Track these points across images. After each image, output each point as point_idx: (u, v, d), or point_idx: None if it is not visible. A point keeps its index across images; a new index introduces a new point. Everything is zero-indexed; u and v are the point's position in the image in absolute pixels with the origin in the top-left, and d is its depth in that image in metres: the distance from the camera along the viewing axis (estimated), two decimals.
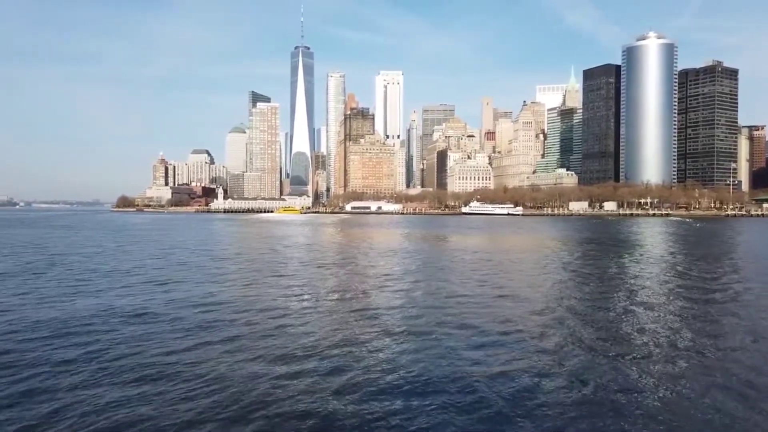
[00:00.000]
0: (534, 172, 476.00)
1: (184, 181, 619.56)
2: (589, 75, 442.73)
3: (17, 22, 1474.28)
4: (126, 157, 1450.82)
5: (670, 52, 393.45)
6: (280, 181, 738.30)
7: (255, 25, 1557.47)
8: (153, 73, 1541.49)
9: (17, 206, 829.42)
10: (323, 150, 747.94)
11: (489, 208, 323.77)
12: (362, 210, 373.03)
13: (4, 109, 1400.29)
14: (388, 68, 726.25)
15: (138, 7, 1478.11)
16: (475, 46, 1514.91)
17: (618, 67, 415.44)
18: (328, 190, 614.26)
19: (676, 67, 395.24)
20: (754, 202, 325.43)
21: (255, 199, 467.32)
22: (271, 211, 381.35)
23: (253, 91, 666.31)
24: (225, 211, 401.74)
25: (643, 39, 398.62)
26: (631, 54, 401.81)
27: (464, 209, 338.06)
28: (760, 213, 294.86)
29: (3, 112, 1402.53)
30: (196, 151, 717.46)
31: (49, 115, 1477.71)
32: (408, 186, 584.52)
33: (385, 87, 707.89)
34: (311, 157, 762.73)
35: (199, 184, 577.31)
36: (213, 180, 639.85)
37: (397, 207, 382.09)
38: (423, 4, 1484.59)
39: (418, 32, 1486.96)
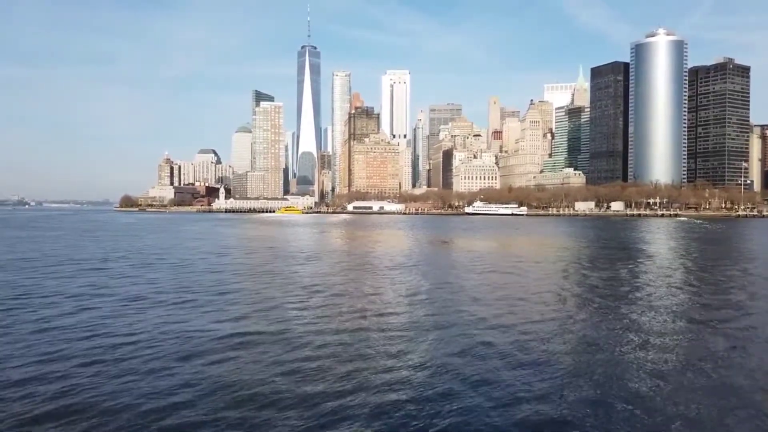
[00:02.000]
0: (541, 171, 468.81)
1: (190, 181, 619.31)
2: (597, 73, 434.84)
3: (30, 23, 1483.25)
4: (137, 157, 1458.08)
5: (679, 49, 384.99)
6: (286, 181, 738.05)
7: (264, 25, 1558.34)
8: (164, 74, 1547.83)
9: (26, 206, 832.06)
10: (330, 149, 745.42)
11: (492, 208, 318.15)
12: (364, 210, 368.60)
13: (17, 109, 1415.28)
14: (397, 68, 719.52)
15: (147, 9, 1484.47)
16: (484, 45, 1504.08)
17: (626, 64, 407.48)
18: (333, 189, 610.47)
19: (686, 64, 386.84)
20: (766, 202, 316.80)
21: (257, 198, 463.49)
22: (273, 211, 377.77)
23: (256, 90, 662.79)
24: (226, 211, 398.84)
25: (653, 36, 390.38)
26: (639, 51, 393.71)
27: (467, 209, 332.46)
28: None
29: (16, 113, 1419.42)
30: (202, 151, 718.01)
31: (61, 116, 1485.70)
32: (414, 186, 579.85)
33: (392, 86, 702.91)
34: (317, 157, 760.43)
35: (203, 183, 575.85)
36: (219, 180, 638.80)
37: (400, 207, 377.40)
38: (432, 4, 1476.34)
39: (428, 32, 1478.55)
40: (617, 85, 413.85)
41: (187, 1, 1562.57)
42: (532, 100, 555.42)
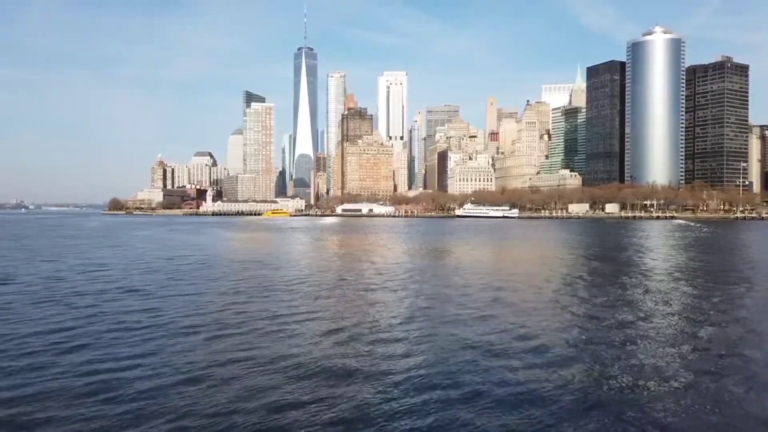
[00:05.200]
0: (537, 173, 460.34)
1: (185, 184, 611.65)
2: (593, 72, 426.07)
3: (35, 26, 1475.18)
4: (139, 160, 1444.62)
5: (677, 47, 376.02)
6: (284, 183, 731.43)
7: (268, 27, 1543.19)
8: (166, 77, 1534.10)
9: (23, 210, 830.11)
10: (326, 151, 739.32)
11: (483, 211, 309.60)
12: (353, 213, 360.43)
13: (20, 112, 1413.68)
14: (396, 69, 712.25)
15: (150, 12, 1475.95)
16: (486, 47, 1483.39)
17: (623, 63, 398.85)
18: (328, 191, 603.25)
19: (683, 63, 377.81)
20: (765, 204, 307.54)
21: (246, 201, 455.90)
22: (260, 214, 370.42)
23: (247, 91, 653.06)
24: (213, 214, 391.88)
25: (650, 34, 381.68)
26: (636, 50, 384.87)
27: (458, 212, 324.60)
28: None
29: (19, 116, 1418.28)
30: (198, 154, 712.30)
31: (64, 119, 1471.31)
32: (410, 188, 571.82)
33: (388, 88, 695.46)
34: (314, 159, 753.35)
35: (194, 186, 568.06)
36: (214, 182, 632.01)
37: (389, 210, 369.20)
38: (434, 6, 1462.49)
39: (428, 34, 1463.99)
40: (614, 84, 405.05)
41: (190, 4, 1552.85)
42: (528, 101, 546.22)
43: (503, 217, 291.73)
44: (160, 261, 57.36)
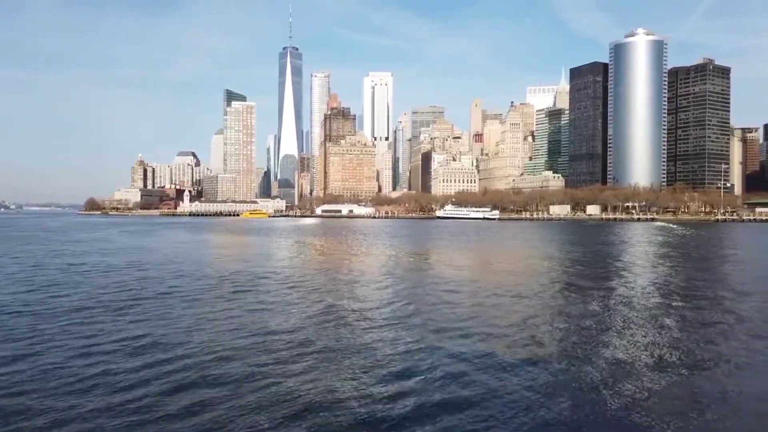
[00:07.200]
0: (521, 174, 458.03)
1: (167, 184, 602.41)
2: (576, 74, 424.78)
3: (35, 26, 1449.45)
4: (133, 160, 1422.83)
5: (659, 49, 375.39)
6: (269, 184, 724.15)
7: (268, 26, 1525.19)
8: (166, 77, 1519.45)
9: (1, 209, 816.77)
10: (311, 152, 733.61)
11: (463, 212, 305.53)
12: (332, 214, 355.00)
13: (21, 112, 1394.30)
14: (384, 70, 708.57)
15: (151, 12, 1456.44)
16: (476, 49, 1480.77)
17: (606, 65, 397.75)
18: (311, 192, 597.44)
19: (665, 65, 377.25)
20: (746, 206, 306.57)
21: (224, 201, 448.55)
22: (239, 215, 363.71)
23: (227, 90, 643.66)
24: (191, 214, 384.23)
25: (632, 36, 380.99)
26: (618, 51, 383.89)
27: (438, 213, 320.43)
28: (752, 218, 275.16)
29: (20, 115, 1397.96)
30: (181, 153, 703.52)
31: (63, 118, 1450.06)
32: (395, 188, 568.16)
33: (373, 88, 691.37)
34: (298, 160, 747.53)
35: (173, 186, 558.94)
36: (197, 182, 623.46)
37: (369, 210, 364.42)
38: (425, 8, 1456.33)
39: (418, 36, 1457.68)
40: (596, 86, 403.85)
41: (190, 4, 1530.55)
42: (512, 103, 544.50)
43: (483, 218, 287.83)
44: (55, 269, 50.87)
